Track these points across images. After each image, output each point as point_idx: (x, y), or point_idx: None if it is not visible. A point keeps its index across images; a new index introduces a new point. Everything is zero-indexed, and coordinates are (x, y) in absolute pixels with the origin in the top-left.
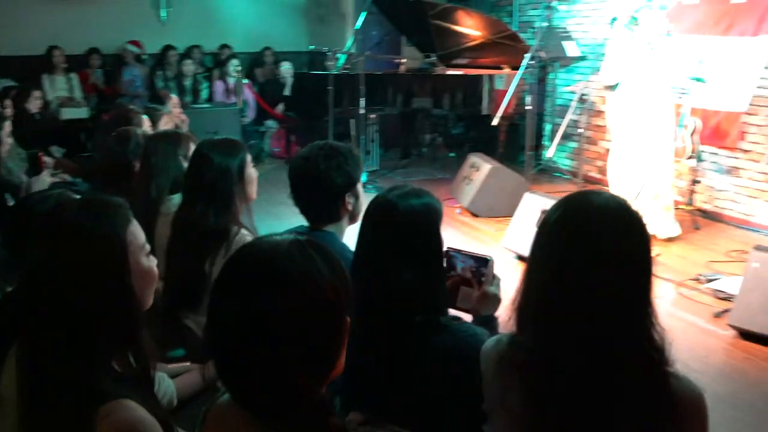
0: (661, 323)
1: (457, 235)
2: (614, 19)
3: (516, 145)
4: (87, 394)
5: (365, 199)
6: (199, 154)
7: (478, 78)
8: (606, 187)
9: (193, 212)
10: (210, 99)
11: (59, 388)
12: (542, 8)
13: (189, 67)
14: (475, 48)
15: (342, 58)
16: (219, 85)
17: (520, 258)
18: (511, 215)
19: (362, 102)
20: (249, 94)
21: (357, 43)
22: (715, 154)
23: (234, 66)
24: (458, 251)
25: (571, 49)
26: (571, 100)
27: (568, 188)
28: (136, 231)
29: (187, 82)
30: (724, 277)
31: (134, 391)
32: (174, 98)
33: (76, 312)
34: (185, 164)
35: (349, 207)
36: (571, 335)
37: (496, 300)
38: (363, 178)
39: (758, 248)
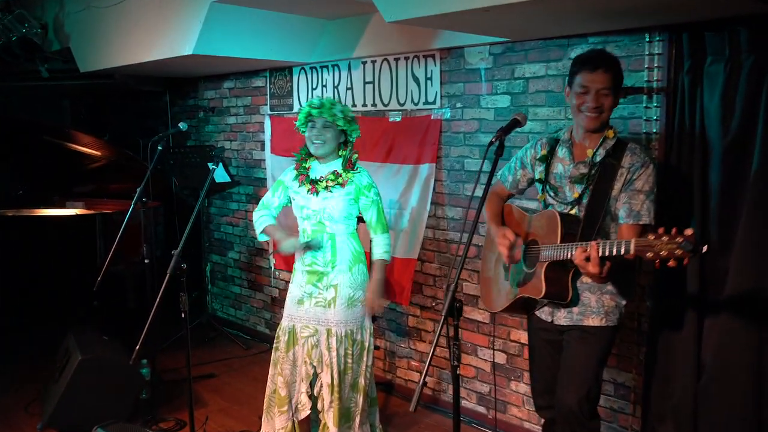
0: None
1: None
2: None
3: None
4: None
5: None
6: None
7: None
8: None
9: None
10: None
11: None
12: (198, 118)
13: None
14: (98, 171)
15: None
16: None
17: None
18: None
19: None
20: None
21: None
22: (394, 310)
23: None
24: None
25: (219, 174)
26: (231, 233)
27: (235, 353)
28: None
29: None
30: None
31: None
32: None
33: None
34: None
35: None
36: None
37: None
38: None
39: None
